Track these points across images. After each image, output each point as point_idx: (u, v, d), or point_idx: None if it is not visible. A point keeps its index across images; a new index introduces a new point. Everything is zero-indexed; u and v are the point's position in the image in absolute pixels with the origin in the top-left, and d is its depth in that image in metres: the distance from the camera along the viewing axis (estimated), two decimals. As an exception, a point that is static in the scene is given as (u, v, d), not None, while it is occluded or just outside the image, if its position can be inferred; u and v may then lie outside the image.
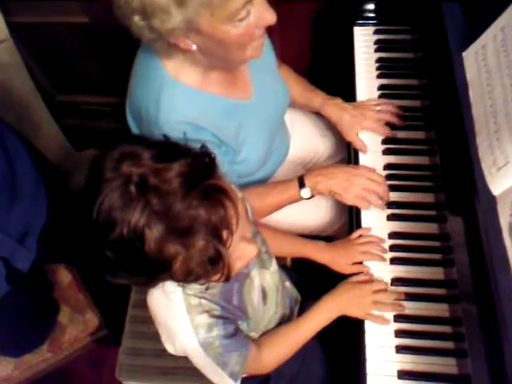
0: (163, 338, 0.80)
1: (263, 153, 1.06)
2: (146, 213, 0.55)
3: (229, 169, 0.97)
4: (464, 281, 0.85)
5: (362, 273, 0.97)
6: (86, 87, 1.81)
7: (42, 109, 1.60)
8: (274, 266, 0.96)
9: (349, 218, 1.11)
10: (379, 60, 1.21)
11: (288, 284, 1.05)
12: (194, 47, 0.82)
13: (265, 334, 0.95)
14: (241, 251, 0.67)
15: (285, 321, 1.00)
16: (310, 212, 1.23)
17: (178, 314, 0.75)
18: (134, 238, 0.56)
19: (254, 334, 0.94)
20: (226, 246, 0.61)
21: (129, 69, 1.02)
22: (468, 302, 0.83)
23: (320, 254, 1.04)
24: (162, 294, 0.75)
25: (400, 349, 0.89)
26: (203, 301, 0.77)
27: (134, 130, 1.01)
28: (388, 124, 1.12)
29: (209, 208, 0.58)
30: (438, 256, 0.96)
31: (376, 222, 1.03)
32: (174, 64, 0.89)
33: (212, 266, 0.61)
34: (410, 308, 0.92)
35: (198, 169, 0.60)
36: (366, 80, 1.19)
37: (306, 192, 1.03)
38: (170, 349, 0.80)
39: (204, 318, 0.76)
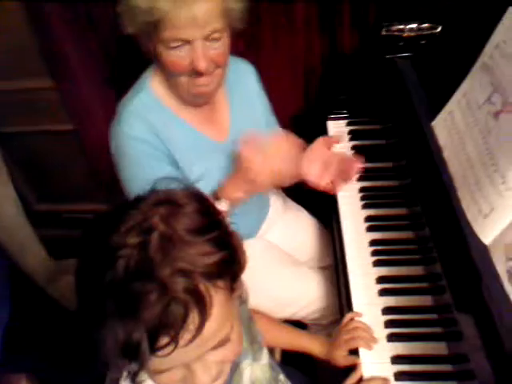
0: None
1: None
2: (131, 250, 0.49)
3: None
4: (474, 352, 0.76)
5: (356, 365, 0.88)
6: (67, 196, 1.82)
7: (17, 210, 1.58)
8: (264, 358, 0.86)
9: (338, 301, 1.04)
10: (354, 148, 1.27)
11: (282, 377, 0.94)
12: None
13: None
14: (189, 373, 0.55)
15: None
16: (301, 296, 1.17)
17: None
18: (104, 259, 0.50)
19: None
20: (154, 350, 0.49)
21: (113, 175, 1.05)
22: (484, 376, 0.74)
23: (317, 347, 0.97)
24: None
25: None
26: None
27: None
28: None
29: (171, 303, 0.48)
30: (438, 329, 0.89)
31: (368, 298, 0.97)
32: (160, 86, 1.00)
33: (122, 358, 0.50)
34: (416, 389, 0.83)
35: (211, 263, 0.51)
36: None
37: None
38: None
39: None
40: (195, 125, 1.03)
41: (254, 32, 1.31)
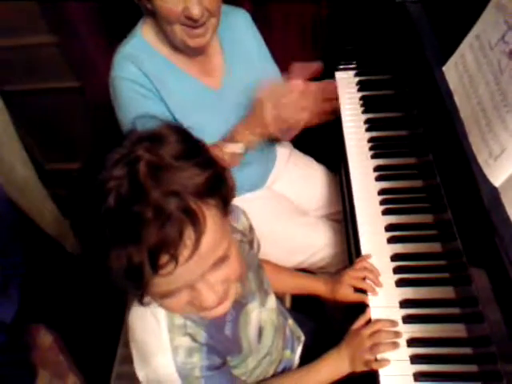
0: (135, 362, 0.68)
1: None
2: (122, 178, 0.51)
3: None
4: (484, 294, 0.76)
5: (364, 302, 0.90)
6: (74, 154, 1.82)
7: (28, 170, 1.59)
8: (270, 303, 0.88)
9: (347, 248, 1.06)
10: (363, 98, 1.25)
11: (291, 322, 0.97)
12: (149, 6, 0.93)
13: (261, 381, 0.85)
14: (195, 293, 0.57)
15: (284, 362, 0.91)
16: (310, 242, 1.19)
17: (157, 330, 0.66)
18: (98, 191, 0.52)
19: (245, 379, 0.83)
20: (156, 269, 0.51)
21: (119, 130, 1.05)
22: (494, 317, 0.74)
23: (322, 285, 0.99)
24: (145, 308, 0.66)
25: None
26: (188, 322, 0.68)
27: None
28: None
29: (167, 221, 0.50)
30: (447, 274, 0.90)
31: (376, 246, 0.98)
32: (152, 34, 1.02)
33: (127, 280, 0.52)
34: (423, 331, 0.85)
35: (199, 182, 0.54)
36: (352, 116, 1.21)
37: None
38: (141, 376, 0.68)
39: (186, 340, 0.67)
40: (188, 71, 1.04)
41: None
